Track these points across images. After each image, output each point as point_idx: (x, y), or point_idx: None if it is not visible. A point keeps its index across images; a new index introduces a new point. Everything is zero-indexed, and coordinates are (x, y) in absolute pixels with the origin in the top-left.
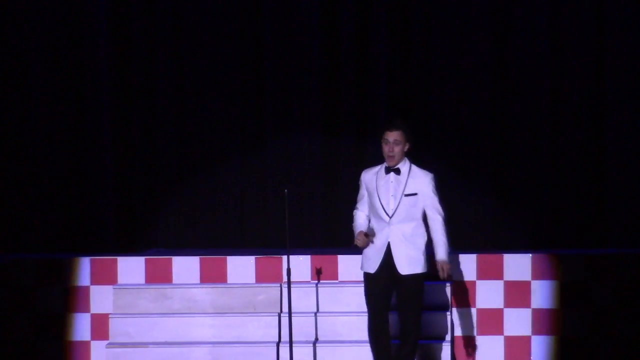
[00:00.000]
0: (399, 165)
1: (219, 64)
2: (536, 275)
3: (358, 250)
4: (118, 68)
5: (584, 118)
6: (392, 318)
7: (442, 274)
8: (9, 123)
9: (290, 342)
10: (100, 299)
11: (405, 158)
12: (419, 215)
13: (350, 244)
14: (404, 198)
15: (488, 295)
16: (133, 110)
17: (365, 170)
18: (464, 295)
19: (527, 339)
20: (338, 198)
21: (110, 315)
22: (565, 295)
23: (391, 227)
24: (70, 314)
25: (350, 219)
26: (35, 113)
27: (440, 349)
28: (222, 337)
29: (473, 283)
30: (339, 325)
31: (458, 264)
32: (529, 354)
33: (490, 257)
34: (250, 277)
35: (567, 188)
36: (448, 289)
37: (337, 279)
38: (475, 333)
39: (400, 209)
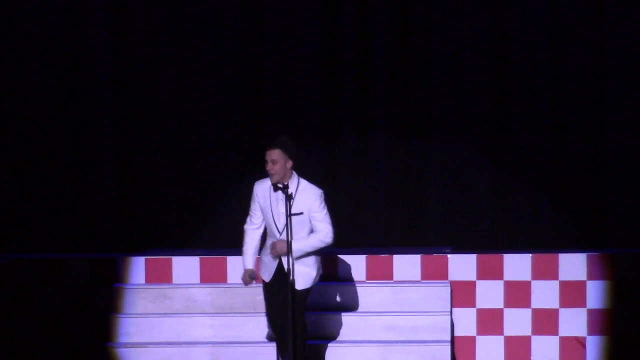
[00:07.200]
0: (286, 183)
1: (218, 63)
2: (537, 275)
3: (358, 251)
4: (118, 68)
5: (584, 118)
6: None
7: (273, 248)
8: (9, 123)
9: (290, 342)
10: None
11: (294, 174)
12: (308, 232)
13: (347, 242)
14: (292, 217)
15: (488, 295)
16: (133, 110)
17: (259, 182)
18: (464, 295)
19: (527, 339)
20: (338, 198)
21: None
22: (565, 294)
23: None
24: (71, 314)
25: (349, 219)
26: (36, 113)
27: (441, 349)
28: (222, 337)
29: (473, 283)
30: (339, 325)
31: (458, 264)
32: (529, 354)
33: (490, 257)
34: None
35: (567, 188)
36: (448, 289)
37: (336, 279)
38: (475, 333)
39: (290, 225)
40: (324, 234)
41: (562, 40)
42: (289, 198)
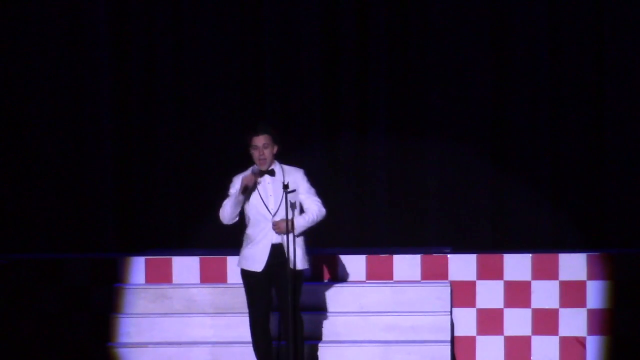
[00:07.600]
0: (272, 167)
1: (218, 63)
2: (537, 275)
3: (358, 251)
4: (118, 68)
5: (584, 118)
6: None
7: (276, 226)
8: (9, 123)
9: (291, 342)
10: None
11: (275, 160)
12: (299, 211)
13: (347, 243)
14: (284, 196)
15: (488, 295)
16: (133, 110)
17: (237, 176)
18: (464, 295)
19: (527, 339)
20: (338, 198)
21: (110, 315)
22: (566, 294)
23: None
24: (71, 314)
25: (349, 219)
26: (36, 113)
27: (440, 349)
28: (222, 337)
29: (473, 283)
30: (339, 325)
31: (458, 264)
32: (529, 354)
33: (490, 257)
34: None
35: (567, 188)
36: (448, 289)
37: (337, 279)
38: (475, 333)
39: (282, 207)
40: (318, 206)
41: (562, 40)
42: (285, 188)
